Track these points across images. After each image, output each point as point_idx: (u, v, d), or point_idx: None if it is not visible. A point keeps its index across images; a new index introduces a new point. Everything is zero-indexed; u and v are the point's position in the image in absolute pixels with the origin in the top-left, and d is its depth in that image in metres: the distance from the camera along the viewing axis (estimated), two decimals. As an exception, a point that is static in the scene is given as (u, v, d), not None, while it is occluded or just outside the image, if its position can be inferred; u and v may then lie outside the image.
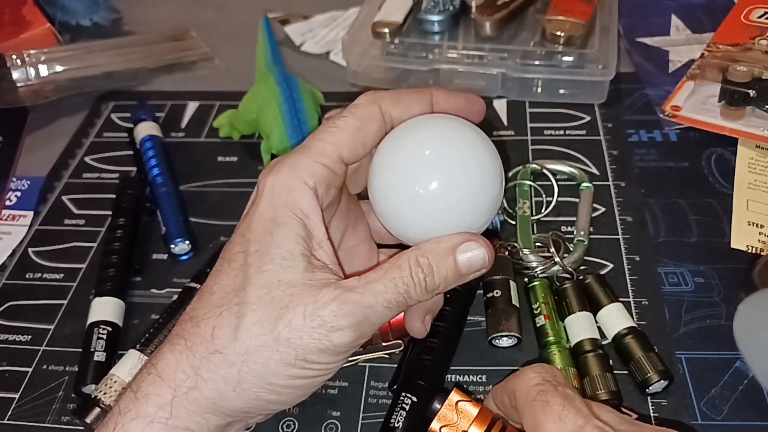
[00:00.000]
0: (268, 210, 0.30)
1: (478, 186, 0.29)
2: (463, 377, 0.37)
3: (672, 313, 0.39)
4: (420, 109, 0.32)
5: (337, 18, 0.65)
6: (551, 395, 0.26)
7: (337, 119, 0.31)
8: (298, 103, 0.48)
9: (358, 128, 0.31)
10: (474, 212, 0.30)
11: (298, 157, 0.30)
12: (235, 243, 0.30)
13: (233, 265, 0.29)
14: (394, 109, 0.32)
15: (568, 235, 0.43)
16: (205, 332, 0.28)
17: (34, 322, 0.42)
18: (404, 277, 0.28)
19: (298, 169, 0.30)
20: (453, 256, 0.29)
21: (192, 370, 0.28)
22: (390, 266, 0.29)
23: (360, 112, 0.31)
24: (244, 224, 0.30)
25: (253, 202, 0.31)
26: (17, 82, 0.56)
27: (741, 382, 0.35)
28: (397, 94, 0.32)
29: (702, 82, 0.51)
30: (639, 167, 0.47)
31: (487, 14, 0.53)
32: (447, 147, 0.29)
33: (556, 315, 0.38)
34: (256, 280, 0.28)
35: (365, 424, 0.35)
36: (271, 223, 0.29)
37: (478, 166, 0.29)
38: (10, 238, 0.47)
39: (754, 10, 0.56)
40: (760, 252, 0.41)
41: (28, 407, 0.38)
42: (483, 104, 0.34)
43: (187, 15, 0.69)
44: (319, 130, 0.31)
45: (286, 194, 0.30)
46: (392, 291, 0.28)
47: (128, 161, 0.52)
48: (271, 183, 0.30)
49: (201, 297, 0.29)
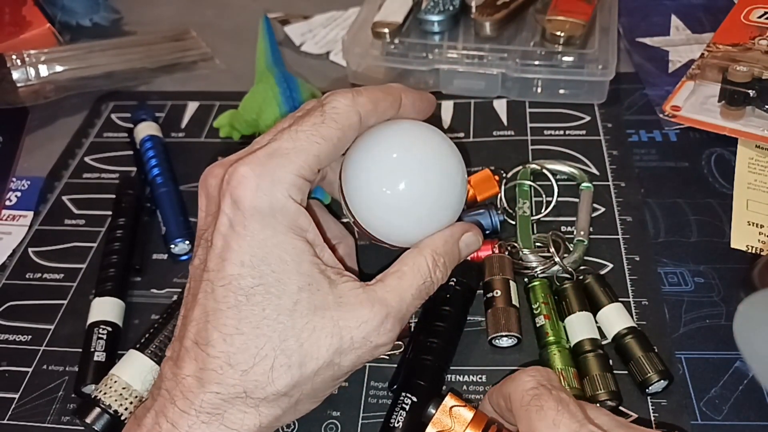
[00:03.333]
0: (268, 235, 0.29)
1: (445, 184, 0.33)
2: (463, 377, 0.37)
3: (672, 313, 0.39)
4: (391, 114, 0.34)
5: (337, 18, 0.65)
6: (545, 399, 0.26)
7: (320, 127, 0.30)
8: (298, 104, 0.48)
9: (340, 138, 0.31)
10: (442, 209, 0.34)
11: (276, 168, 0.29)
12: (244, 275, 0.28)
13: (255, 299, 0.28)
14: (371, 118, 0.32)
15: (568, 235, 0.43)
16: (261, 380, 0.28)
17: (34, 322, 0.42)
18: (426, 280, 0.32)
19: (282, 184, 0.29)
20: (458, 246, 0.35)
21: (254, 411, 0.28)
22: (411, 271, 0.32)
23: (342, 121, 0.31)
24: (240, 251, 0.28)
25: (229, 222, 0.29)
26: (17, 82, 0.56)
27: (741, 382, 0.35)
28: (374, 101, 0.32)
29: (702, 82, 0.51)
30: (639, 167, 0.47)
31: (487, 14, 0.53)
32: (413, 150, 0.33)
33: (556, 315, 0.38)
34: (292, 314, 0.28)
35: (365, 424, 0.35)
36: (278, 248, 0.29)
37: (441, 167, 0.33)
38: (10, 238, 0.47)
39: (753, 10, 0.56)
40: (760, 252, 0.41)
41: (28, 407, 0.38)
42: (434, 103, 0.37)
43: (187, 15, 0.69)
44: (298, 132, 0.30)
45: (281, 215, 0.29)
46: (419, 294, 0.32)
47: (128, 161, 0.52)
48: (253, 200, 0.29)
49: (231, 340, 0.28)
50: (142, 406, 0.30)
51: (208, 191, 0.32)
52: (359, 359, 0.30)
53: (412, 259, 0.32)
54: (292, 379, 0.28)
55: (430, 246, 0.33)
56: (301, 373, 0.28)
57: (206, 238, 0.31)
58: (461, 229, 0.35)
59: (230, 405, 0.27)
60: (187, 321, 0.29)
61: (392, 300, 0.30)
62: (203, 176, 0.33)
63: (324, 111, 0.31)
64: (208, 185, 0.32)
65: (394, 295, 0.31)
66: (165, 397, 0.28)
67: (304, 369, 0.28)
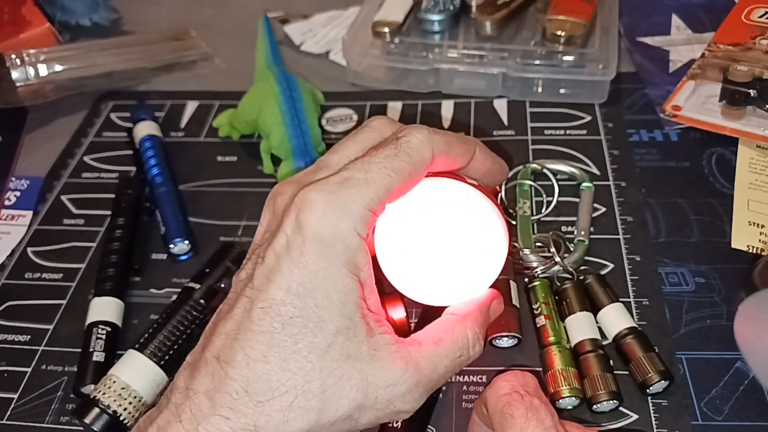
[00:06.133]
0: (323, 266, 0.27)
1: (484, 250, 0.31)
2: (463, 377, 0.37)
3: (672, 314, 0.39)
4: (461, 163, 0.32)
5: (337, 17, 0.65)
6: (516, 407, 0.26)
7: (393, 160, 0.29)
8: (297, 103, 0.48)
9: (411, 173, 0.29)
10: (479, 275, 0.32)
11: (347, 199, 0.28)
12: (286, 303, 0.27)
13: (291, 330, 0.27)
14: (440, 160, 0.30)
15: (568, 235, 0.43)
16: (276, 417, 0.26)
17: (33, 322, 0.42)
18: (463, 354, 0.31)
19: (350, 216, 0.28)
20: (488, 314, 0.33)
21: None
22: (450, 341, 0.30)
23: (415, 156, 0.29)
24: (290, 277, 0.27)
25: (287, 243, 0.28)
26: (16, 81, 0.56)
27: (742, 382, 0.35)
28: (449, 144, 0.30)
29: (702, 82, 0.51)
30: (639, 167, 0.47)
31: (488, 14, 0.53)
32: (459, 209, 0.31)
33: (557, 315, 0.38)
34: (324, 356, 0.27)
35: (365, 424, 0.35)
36: (328, 283, 0.27)
37: (486, 234, 0.31)
38: (9, 238, 0.47)
39: (754, 10, 0.56)
40: (760, 252, 0.41)
41: (27, 407, 0.38)
42: (507, 171, 0.35)
43: (187, 15, 0.68)
44: (371, 163, 0.28)
45: (342, 247, 0.27)
46: (453, 367, 0.30)
47: (127, 161, 0.52)
48: (317, 227, 0.27)
49: (254, 366, 0.27)
50: (147, 416, 0.28)
51: (275, 208, 0.31)
52: (377, 420, 0.29)
53: (452, 327, 0.31)
54: (307, 423, 0.27)
55: (471, 317, 0.31)
56: (318, 419, 0.27)
57: (258, 253, 0.29)
58: (491, 297, 0.33)
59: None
60: (216, 331, 0.28)
61: (426, 367, 0.29)
62: (272, 192, 0.31)
63: (398, 144, 0.29)
64: (276, 202, 0.31)
65: (428, 362, 0.29)
66: (171, 412, 0.27)
67: (321, 416, 0.27)
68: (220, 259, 0.41)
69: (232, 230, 0.46)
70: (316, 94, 0.54)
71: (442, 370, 0.30)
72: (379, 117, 0.33)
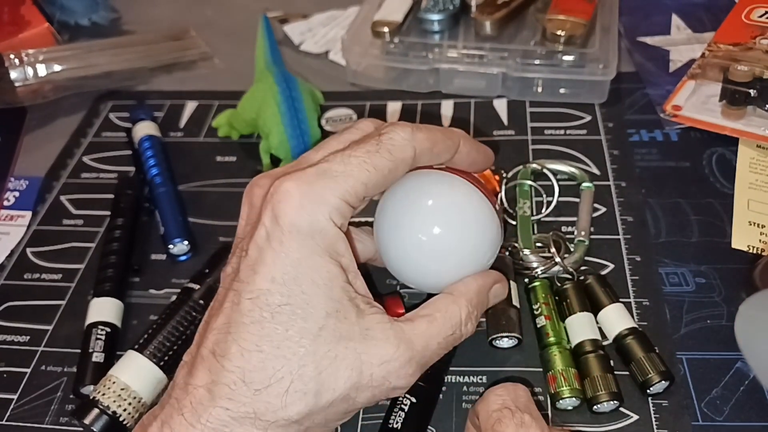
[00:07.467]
0: (304, 255, 0.28)
1: (477, 236, 0.32)
2: (463, 378, 0.37)
3: (673, 314, 0.38)
4: (446, 158, 0.33)
5: (336, 17, 0.65)
6: (506, 424, 0.26)
7: (374, 156, 0.29)
8: (297, 103, 0.48)
9: (391, 170, 0.30)
10: (475, 258, 0.33)
11: (323, 190, 0.28)
12: (273, 292, 0.28)
13: (281, 317, 0.27)
14: (425, 156, 0.31)
15: (568, 235, 0.43)
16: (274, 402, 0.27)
17: (32, 322, 0.42)
18: (456, 332, 0.31)
19: (325, 206, 0.28)
20: (488, 297, 0.34)
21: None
22: (442, 318, 0.31)
23: (396, 153, 0.30)
24: (273, 267, 0.28)
25: (267, 235, 0.28)
26: (15, 81, 0.56)
27: (742, 382, 0.35)
28: (433, 140, 0.31)
29: (703, 82, 0.51)
30: (640, 167, 0.47)
31: (488, 13, 0.53)
32: (449, 197, 0.32)
33: (557, 315, 0.38)
34: (316, 339, 0.27)
35: (365, 425, 0.35)
36: (311, 270, 0.28)
37: (476, 215, 0.32)
38: (9, 239, 0.47)
39: (754, 10, 0.56)
40: (761, 252, 0.41)
41: (26, 408, 0.38)
42: (492, 158, 0.36)
43: (186, 15, 0.68)
44: (351, 156, 0.29)
45: (320, 236, 0.28)
46: (445, 344, 0.31)
47: (127, 161, 0.52)
48: (294, 218, 0.28)
49: (249, 356, 0.27)
50: (150, 412, 0.29)
51: (252, 200, 0.31)
52: (374, 397, 0.29)
53: (445, 305, 0.31)
54: (305, 406, 0.27)
55: (465, 296, 0.32)
56: (316, 402, 0.27)
57: (242, 247, 0.30)
58: (493, 279, 0.34)
59: (238, 425, 0.27)
60: (209, 328, 0.29)
61: (418, 344, 0.29)
62: (249, 185, 0.32)
63: (380, 140, 0.30)
64: (253, 195, 0.31)
65: (420, 339, 0.30)
66: (173, 407, 0.27)
67: (318, 398, 0.27)
68: (219, 260, 0.41)
69: (231, 230, 0.45)
70: (316, 94, 0.54)
71: (434, 346, 0.30)
72: (367, 119, 0.33)
